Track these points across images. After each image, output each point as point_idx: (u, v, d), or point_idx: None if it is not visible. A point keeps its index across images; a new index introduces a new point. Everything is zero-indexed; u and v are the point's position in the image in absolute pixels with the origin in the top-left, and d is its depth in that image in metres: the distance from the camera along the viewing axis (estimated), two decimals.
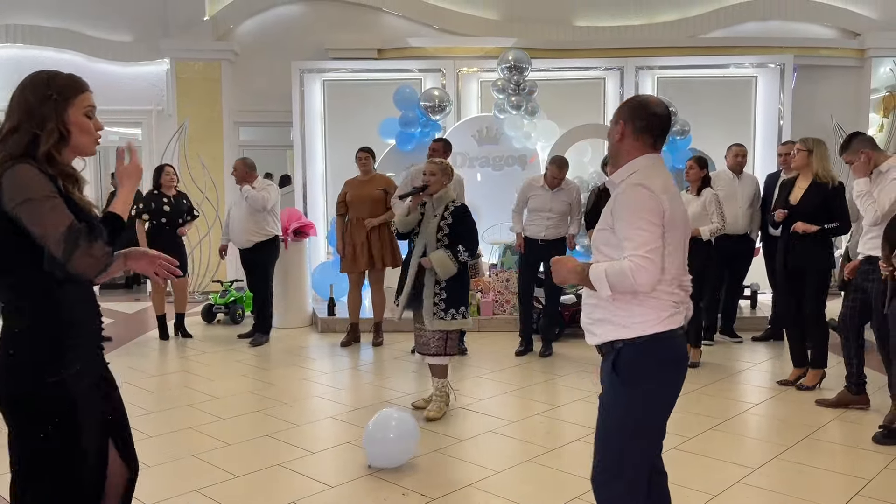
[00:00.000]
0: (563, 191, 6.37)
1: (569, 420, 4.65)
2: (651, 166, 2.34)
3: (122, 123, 10.31)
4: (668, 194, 2.26)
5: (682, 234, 2.32)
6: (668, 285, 2.27)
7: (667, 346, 2.29)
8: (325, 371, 5.99)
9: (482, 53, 9.39)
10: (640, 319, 2.27)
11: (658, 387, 2.31)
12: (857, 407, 4.75)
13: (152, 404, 5.05)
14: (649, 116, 2.36)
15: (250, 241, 6.94)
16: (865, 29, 9.74)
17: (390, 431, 3.82)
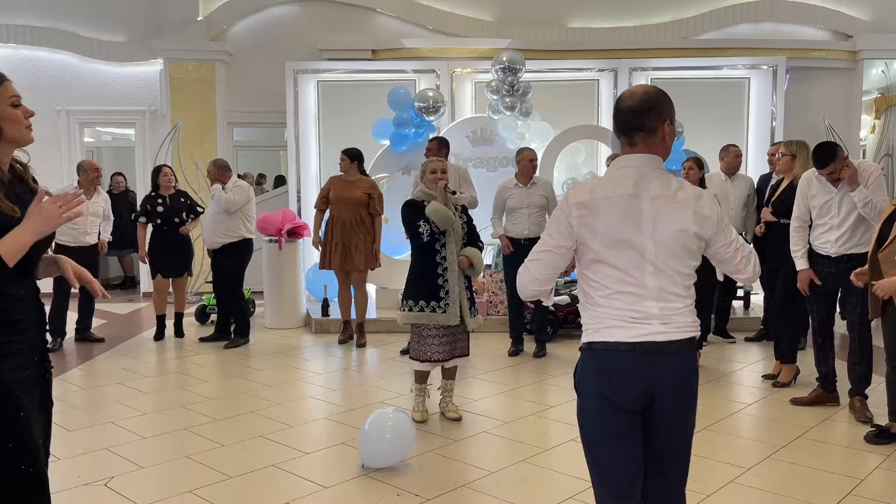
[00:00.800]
0: (537, 185, 6.45)
1: (562, 420, 4.66)
2: (614, 174, 2.24)
3: (115, 124, 10.32)
4: (586, 209, 2.16)
5: (618, 251, 2.16)
6: (613, 300, 2.18)
7: (599, 357, 2.21)
8: (318, 372, 5.99)
9: (476, 54, 9.40)
10: (585, 327, 2.28)
11: (589, 396, 2.23)
12: (829, 405, 4.84)
13: (146, 405, 5.04)
14: (616, 114, 2.26)
15: (217, 243, 6.93)
16: (857, 31, 9.79)
17: (386, 431, 3.83)
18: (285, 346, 6.92)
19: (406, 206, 4.64)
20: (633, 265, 2.17)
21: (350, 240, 6.66)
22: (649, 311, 2.17)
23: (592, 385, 2.21)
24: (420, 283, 4.56)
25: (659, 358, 2.18)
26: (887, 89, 10.05)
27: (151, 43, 9.65)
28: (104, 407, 5.02)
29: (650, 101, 2.20)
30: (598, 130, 8.75)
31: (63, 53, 9.86)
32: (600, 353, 2.20)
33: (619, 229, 2.16)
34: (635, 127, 2.21)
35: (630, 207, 2.17)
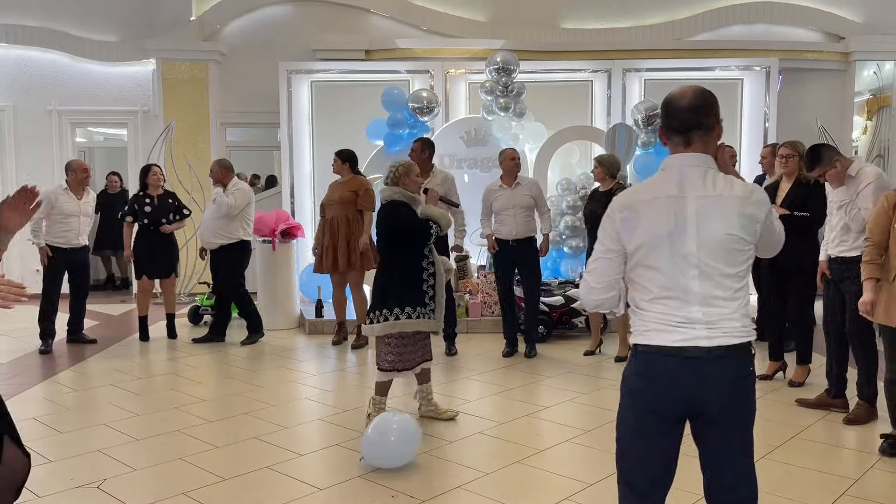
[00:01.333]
0: (522, 185, 6.41)
1: (557, 421, 4.66)
2: (660, 175, 2.23)
3: (107, 124, 10.27)
4: (629, 212, 2.17)
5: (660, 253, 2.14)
6: (656, 304, 2.17)
7: (641, 359, 2.22)
8: (312, 373, 5.97)
9: (470, 55, 9.39)
10: (632, 329, 2.28)
11: (627, 397, 2.26)
12: (836, 410, 4.77)
13: (139, 407, 5.01)
14: (669, 112, 2.21)
15: (215, 243, 6.94)
16: (849, 32, 9.83)
17: (391, 434, 3.81)
18: (279, 347, 6.90)
19: (401, 207, 4.42)
20: (677, 269, 2.14)
21: (338, 240, 6.65)
22: (693, 317, 2.14)
23: (633, 385, 2.24)
24: (405, 289, 4.35)
25: (704, 364, 2.14)
26: (879, 90, 10.10)
27: (144, 43, 9.61)
28: (96, 408, 4.99)
29: (707, 99, 2.20)
30: (591, 131, 8.75)
31: (55, 53, 9.80)
32: (643, 355, 2.21)
33: (661, 232, 2.14)
34: (693, 126, 2.18)
35: (673, 210, 2.14)
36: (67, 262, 6.80)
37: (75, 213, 6.78)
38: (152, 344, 7.04)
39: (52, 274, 6.77)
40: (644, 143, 8.35)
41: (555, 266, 8.34)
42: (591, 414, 4.81)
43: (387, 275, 4.44)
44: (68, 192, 6.79)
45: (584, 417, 4.74)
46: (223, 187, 6.94)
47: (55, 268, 6.76)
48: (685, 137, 2.20)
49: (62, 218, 6.71)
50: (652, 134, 8.32)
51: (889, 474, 3.81)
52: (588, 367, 6.03)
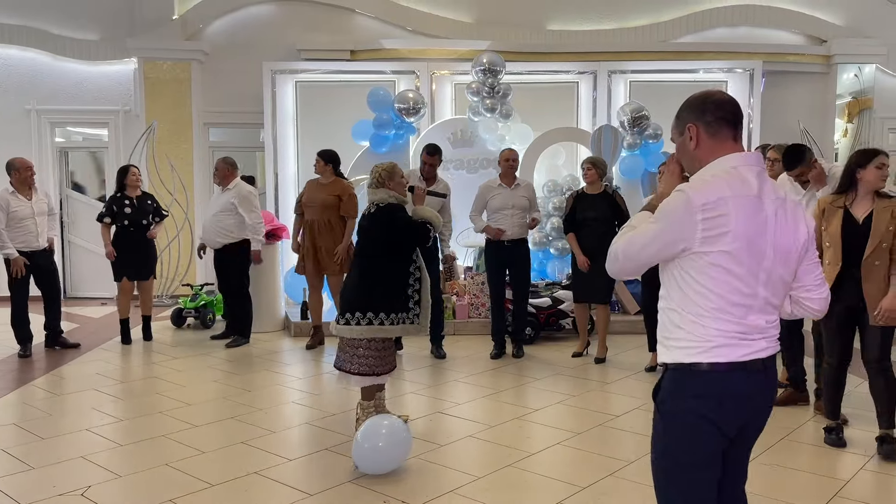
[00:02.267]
0: (521, 187, 6.43)
1: (548, 424, 4.63)
2: (732, 172, 2.04)
3: (87, 124, 10.11)
4: (716, 211, 1.96)
5: (747, 255, 1.99)
6: (723, 312, 2.00)
7: (708, 379, 2.02)
8: (298, 376, 5.90)
9: (456, 56, 9.36)
10: (681, 344, 2.05)
11: (688, 420, 2.06)
12: (801, 404, 4.92)
13: (122, 412, 4.92)
14: (717, 104, 2.10)
15: (219, 243, 6.89)
16: (831, 35, 9.92)
17: (380, 439, 3.76)
18: (264, 350, 6.82)
19: (397, 211, 4.29)
20: (752, 273, 2.01)
21: (319, 243, 6.60)
22: (755, 325, 2.04)
23: (694, 408, 2.04)
24: (390, 293, 4.23)
25: (761, 376, 2.06)
26: (860, 93, 10.19)
27: (125, 41, 9.48)
28: (78, 413, 4.90)
29: None
30: (577, 133, 8.75)
31: (34, 51, 9.65)
32: (707, 374, 2.02)
33: (748, 233, 1.99)
34: (741, 119, 2.13)
35: (758, 210, 2.01)
36: (30, 265, 6.53)
37: (29, 215, 6.50)
38: (134, 347, 6.94)
39: (16, 281, 6.49)
40: (630, 145, 8.36)
41: (541, 268, 8.33)
42: (581, 416, 4.79)
43: (372, 279, 4.26)
44: (16, 194, 6.48)
45: (574, 420, 4.72)
46: (224, 186, 6.87)
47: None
48: (736, 130, 2.11)
49: (17, 222, 6.41)
50: (638, 135, 8.34)
51: (880, 475, 3.82)
52: (576, 369, 6.01)
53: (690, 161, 2.17)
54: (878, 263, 3.98)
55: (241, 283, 6.98)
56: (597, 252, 6.10)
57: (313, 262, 6.64)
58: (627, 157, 8.45)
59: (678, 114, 2.19)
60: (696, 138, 2.11)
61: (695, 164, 2.14)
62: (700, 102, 2.14)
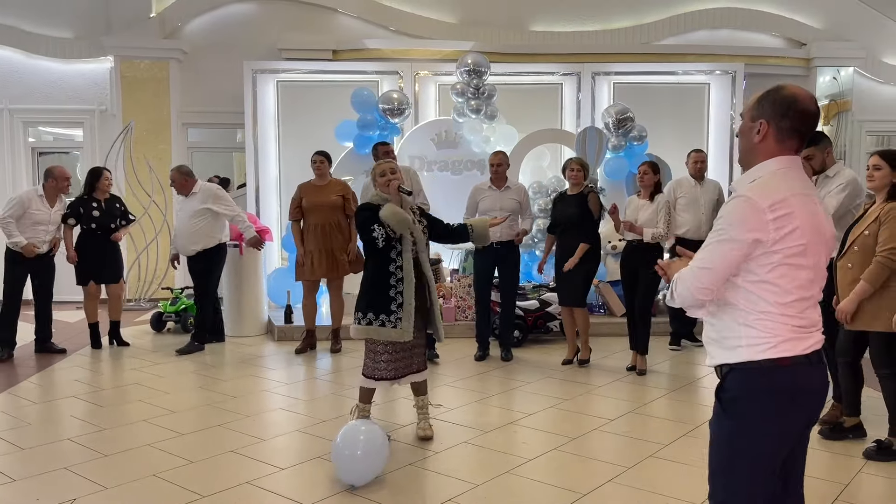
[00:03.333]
0: (511, 189, 6.38)
1: (542, 429, 4.58)
2: (779, 173, 2.07)
3: (62, 124, 9.89)
4: (783, 209, 1.99)
5: (813, 249, 2.05)
6: (789, 307, 2.04)
7: (778, 375, 2.04)
8: (284, 382, 5.78)
9: (440, 56, 9.30)
10: (745, 343, 2.06)
11: (761, 419, 2.07)
12: None
13: (105, 420, 4.77)
14: (800, 116, 2.07)
15: (193, 250, 6.75)
16: (811, 39, 10.03)
17: (357, 447, 3.66)
18: (248, 354, 6.69)
19: (360, 210, 4.24)
20: (815, 266, 2.08)
21: (331, 245, 6.46)
22: (813, 318, 2.10)
23: (769, 407, 2.06)
24: (373, 293, 4.16)
25: (822, 368, 2.12)
26: (839, 95, 10.30)
27: (101, 39, 9.29)
28: (60, 422, 4.74)
29: None
30: (562, 135, 8.74)
31: (6, 49, 9.42)
32: (778, 370, 2.04)
33: (808, 230, 2.03)
34: (811, 134, 2.14)
35: (813, 207, 2.07)
36: (30, 267, 6.50)
37: (45, 222, 6.52)
38: (113, 353, 6.77)
39: (13, 280, 6.48)
40: (615, 147, 8.36)
41: (527, 270, 8.28)
42: (575, 420, 4.75)
43: (363, 277, 4.33)
44: (43, 199, 6.52)
45: (568, 424, 4.67)
46: (186, 194, 6.74)
47: (17, 274, 6.46)
48: (803, 144, 2.13)
49: (30, 225, 6.44)
50: (623, 137, 8.34)
51: (877, 478, 3.82)
52: (565, 372, 5.97)
53: (747, 149, 2.17)
54: (851, 266, 4.00)
55: (214, 287, 6.87)
56: (571, 253, 6.06)
57: (325, 266, 6.46)
58: (612, 159, 8.44)
59: (760, 99, 2.14)
60: (764, 136, 2.10)
61: (749, 154, 2.15)
62: (786, 105, 2.09)
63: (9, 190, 8.97)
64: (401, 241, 4.14)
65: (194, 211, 6.70)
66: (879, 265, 3.88)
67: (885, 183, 4.02)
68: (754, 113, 2.12)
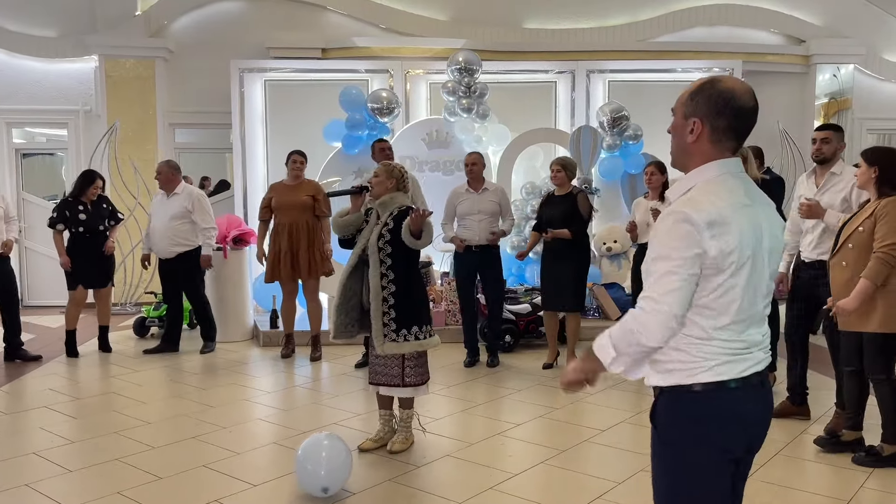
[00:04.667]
0: (489, 191, 6.20)
1: (530, 440, 4.38)
2: (718, 180, 1.87)
3: (46, 124, 9.69)
4: (721, 226, 1.80)
5: (758, 265, 1.88)
6: (724, 331, 1.86)
7: (710, 400, 1.87)
8: (267, 390, 5.59)
9: (431, 55, 9.09)
10: (677, 367, 1.89)
11: (693, 447, 1.89)
12: (797, 418, 4.69)
13: (74, 432, 4.58)
14: (737, 113, 1.86)
15: (173, 252, 6.58)
16: (810, 35, 9.82)
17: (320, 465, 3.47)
18: (231, 361, 6.49)
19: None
20: (753, 286, 1.87)
21: (298, 247, 6.30)
22: (755, 338, 1.91)
23: (699, 433, 1.88)
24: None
25: (760, 390, 1.93)
26: (839, 94, 10.11)
27: (85, 38, 9.08)
28: (26, 435, 4.54)
29: None
30: (556, 134, 8.53)
31: None
32: (710, 394, 1.86)
33: (749, 245, 1.84)
34: (749, 132, 1.93)
35: (753, 220, 1.87)
36: None
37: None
38: (92, 359, 6.57)
39: None
40: (609, 146, 8.16)
41: (520, 272, 8.09)
42: (564, 431, 4.55)
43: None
44: None
45: (557, 435, 4.47)
46: (169, 191, 6.58)
47: None
48: (739, 143, 1.92)
49: None
50: (617, 136, 8.14)
51: (881, 493, 3.62)
52: (555, 379, 5.77)
53: (680, 150, 1.97)
54: (846, 264, 3.85)
55: (200, 289, 6.80)
56: (562, 255, 5.92)
57: (290, 267, 6.32)
58: (607, 159, 8.25)
59: (693, 94, 1.92)
60: (698, 136, 1.90)
61: (683, 156, 1.96)
62: (722, 101, 1.87)
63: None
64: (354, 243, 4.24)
65: (176, 212, 6.57)
66: (879, 261, 3.70)
67: (865, 180, 3.90)
68: (687, 110, 1.91)
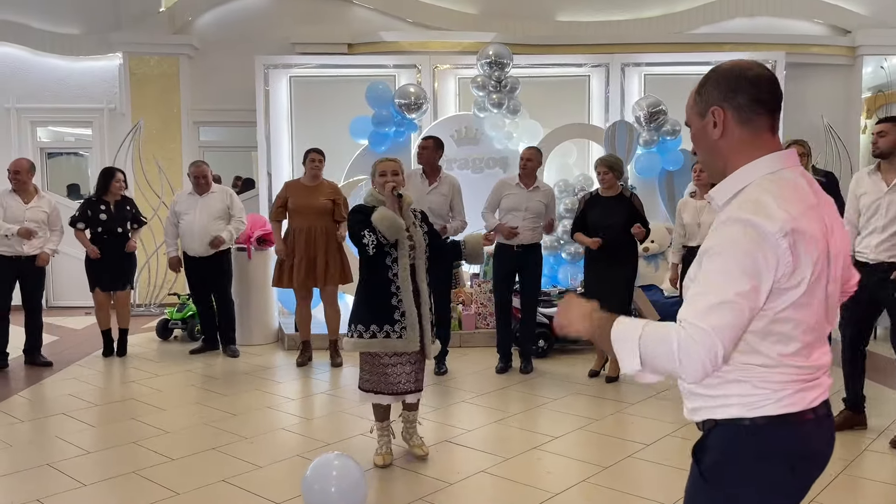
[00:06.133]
0: (539, 191, 5.89)
1: (569, 455, 4.10)
2: (774, 178, 1.58)
3: (70, 123, 9.60)
4: (796, 234, 1.50)
5: (829, 276, 1.59)
6: (794, 357, 1.57)
7: (777, 437, 1.58)
8: (291, 397, 5.37)
9: (459, 49, 8.82)
10: (736, 401, 1.59)
11: (749, 492, 1.60)
12: (857, 428, 4.42)
13: (91, 442, 4.39)
14: (755, 82, 1.60)
15: (212, 250, 6.42)
16: (856, 26, 9.39)
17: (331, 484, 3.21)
18: (254, 365, 6.29)
19: (352, 213, 3.97)
20: (825, 302, 1.60)
21: (315, 253, 6.03)
22: (822, 360, 1.63)
23: (764, 477, 1.58)
24: (372, 303, 3.90)
25: (828, 422, 1.66)
26: (886, 86, 9.65)
27: (109, 35, 8.96)
28: (42, 445, 4.36)
29: None
30: (590, 129, 8.22)
31: (13, 47, 9.11)
32: (776, 430, 1.57)
33: (823, 255, 1.56)
34: (781, 103, 1.64)
35: (821, 223, 1.58)
36: (16, 271, 6.12)
37: (19, 220, 6.09)
38: (113, 363, 6.41)
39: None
40: (646, 142, 7.83)
41: (552, 273, 7.80)
42: (606, 445, 4.26)
43: (358, 286, 4.02)
44: (14, 195, 6.15)
45: (598, 450, 4.18)
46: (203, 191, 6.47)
47: (2, 278, 6.10)
48: (775, 119, 1.64)
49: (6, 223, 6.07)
50: (655, 132, 7.81)
51: None
52: (593, 388, 5.48)
53: (710, 154, 1.68)
54: None
55: (229, 289, 6.68)
56: (616, 260, 5.61)
57: (304, 274, 6.06)
58: (643, 155, 7.92)
59: (698, 90, 1.68)
60: (723, 125, 1.63)
61: (716, 160, 1.68)
62: (732, 78, 1.62)
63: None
64: (396, 246, 3.85)
65: (217, 211, 6.44)
66: None
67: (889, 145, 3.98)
68: (699, 108, 1.67)
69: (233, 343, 6.68)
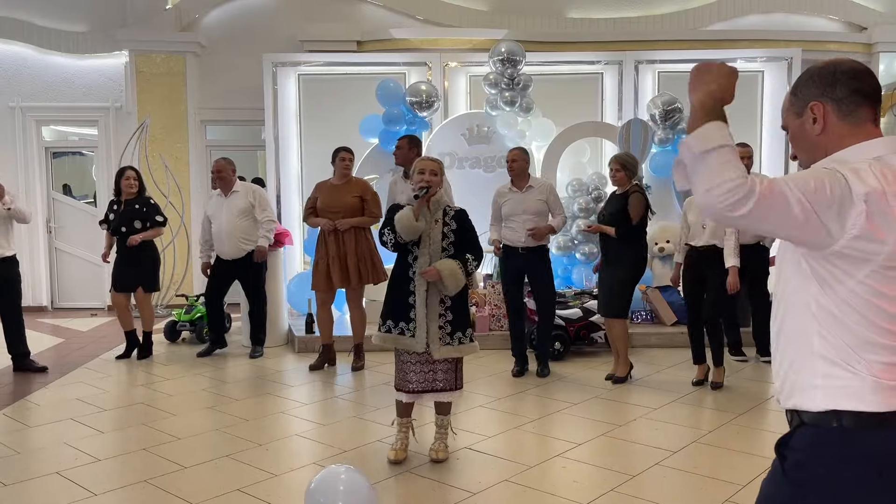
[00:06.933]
0: (534, 189, 5.72)
1: (595, 463, 3.97)
2: (878, 162, 1.51)
3: (76, 122, 9.49)
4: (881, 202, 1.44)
5: None
6: (887, 336, 1.47)
7: (869, 438, 1.47)
8: (304, 402, 5.24)
9: (470, 46, 8.71)
10: (823, 382, 1.50)
11: (832, 496, 1.49)
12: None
13: (101, 448, 4.27)
14: (852, 75, 1.57)
15: (244, 251, 6.34)
16: (872, 22, 9.26)
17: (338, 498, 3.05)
18: (265, 369, 6.17)
19: (388, 210, 4.10)
20: None
21: (346, 251, 5.86)
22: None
23: (848, 482, 1.47)
24: (393, 299, 3.99)
25: None
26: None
27: (115, 33, 8.86)
28: (49, 451, 4.24)
29: None
30: (604, 128, 8.10)
31: (18, 45, 9.02)
32: (869, 430, 1.46)
33: None
34: (881, 96, 1.60)
35: None
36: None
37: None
38: (123, 366, 6.29)
39: None
40: (661, 140, 7.71)
41: (566, 274, 7.67)
42: (632, 453, 4.13)
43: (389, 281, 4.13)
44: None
45: (624, 457, 4.05)
46: (227, 191, 6.37)
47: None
48: (876, 110, 1.58)
49: None
50: (670, 130, 7.69)
51: None
52: (613, 391, 5.35)
53: (811, 153, 1.62)
54: None
55: (264, 289, 6.60)
56: (611, 259, 5.52)
57: (339, 275, 5.84)
58: (658, 154, 7.80)
59: (794, 90, 1.63)
60: (824, 120, 1.58)
61: (818, 158, 1.61)
62: (828, 73, 1.59)
63: (21, 192, 8.56)
64: (419, 245, 3.91)
65: (240, 209, 6.34)
66: None
67: None
68: (798, 107, 1.63)
69: (261, 344, 6.59)
